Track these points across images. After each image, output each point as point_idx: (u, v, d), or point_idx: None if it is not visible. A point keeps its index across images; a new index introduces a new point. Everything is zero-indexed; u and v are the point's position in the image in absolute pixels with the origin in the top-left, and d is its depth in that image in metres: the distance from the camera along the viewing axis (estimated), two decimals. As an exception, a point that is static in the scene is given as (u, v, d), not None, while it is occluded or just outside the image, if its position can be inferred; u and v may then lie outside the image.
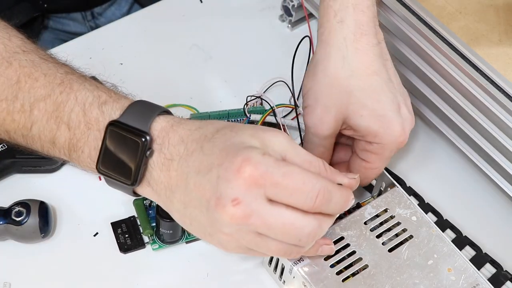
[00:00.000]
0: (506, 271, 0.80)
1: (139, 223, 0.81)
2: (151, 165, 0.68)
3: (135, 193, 0.70)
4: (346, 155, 0.83)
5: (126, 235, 0.80)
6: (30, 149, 0.74)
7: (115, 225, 0.81)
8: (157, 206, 0.78)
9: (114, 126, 0.68)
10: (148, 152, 0.67)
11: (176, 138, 0.67)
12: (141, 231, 0.80)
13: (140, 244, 0.80)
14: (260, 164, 0.63)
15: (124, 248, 0.79)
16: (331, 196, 0.65)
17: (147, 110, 0.69)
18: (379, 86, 0.77)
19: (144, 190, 0.69)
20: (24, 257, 0.78)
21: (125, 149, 0.67)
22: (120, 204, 0.83)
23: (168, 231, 0.79)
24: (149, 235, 0.80)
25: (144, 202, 0.82)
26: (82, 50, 0.96)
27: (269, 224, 0.64)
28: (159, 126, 0.68)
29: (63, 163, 0.85)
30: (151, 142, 0.67)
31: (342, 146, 0.83)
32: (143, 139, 0.67)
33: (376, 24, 0.80)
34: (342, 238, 0.75)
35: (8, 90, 0.70)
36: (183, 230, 0.80)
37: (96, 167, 0.69)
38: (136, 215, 0.82)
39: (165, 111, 0.70)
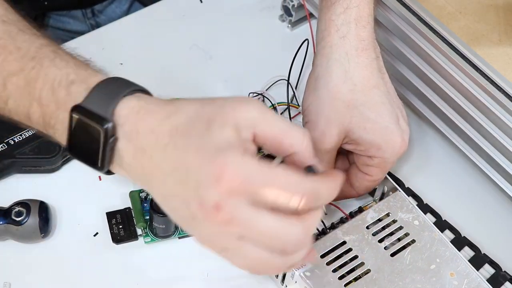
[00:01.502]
0: (505, 271, 0.81)
1: (133, 215, 0.81)
2: (121, 152, 0.65)
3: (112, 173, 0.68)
4: (343, 164, 0.83)
5: (120, 226, 0.80)
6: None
7: (110, 215, 0.81)
8: (151, 200, 0.78)
9: (76, 112, 0.64)
10: (112, 139, 0.64)
11: (145, 127, 0.64)
12: (135, 223, 0.80)
13: (133, 236, 0.80)
14: (240, 169, 0.60)
15: (117, 239, 0.80)
16: (318, 195, 0.62)
17: (112, 92, 0.65)
18: (379, 99, 0.78)
19: (119, 171, 0.67)
20: (24, 257, 0.78)
21: (87, 136, 0.65)
22: (120, 200, 0.83)
23: (161, 226, 0.79)
24: (142, 227, 0.80)
25: (140, 194, 0.82)
26: (82, 50, 0.94)
27: (252, 229, 0.61)
28: (124, 112, 0.64)
29: (63, 163, 0.84)
30: (114, 128, 0.64)
31: (339, 156, 0.82)
32: (104, 127, 0.63)
33: (374, 38, 0.80)
34: (344, 243, 0.75)
35: None
36: (176, 226, 0.80)
37: (66, 149, 0.67)
38: (131, 207, 0.82)
39: (136, 90, 0.66)
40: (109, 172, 0.67)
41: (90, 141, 0.65)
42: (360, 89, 0.78)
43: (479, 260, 0.81)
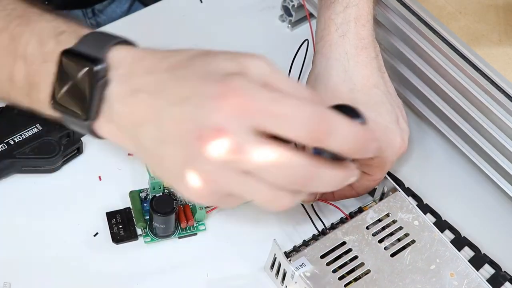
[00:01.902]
0: (505, 271, 0.81)
1: (133, 215, 0.81)
2: (112, 98, 0.60)
3: (96, 135, 0.63)
4: None
5: (120, 226, 0.80)
6: None
7: (110, 215, 0.81)
8: (151, 199, 0.78)
9: (66, 55, 0.61)
10: (102, 81, 0.60)
11: (143, 68, 0.60)
12: (135, 223, 0.80)
13: (133, 236, 0.80)
14: (245, 89, 0.56)
15: (117, 238, 0.79)
16: (330, 125, 0.56)
17: (105, 37, 0.62)
18: (379, 99, 0.78)
19: (105, 127, 0.62)
20: (24, 257, 0.78)
21: (77, 79, 0.61)
22: (120, 200, 0.83)
23: (161, 225, 0.79)
24: (142, 227, 0.80)
25: (140, 194, 0.82)
26: (82, 49, 0.95)
27: (258, 159, 0.55)
28: (119, 55, 0.61)
29: (63, 163, 0.84)
30: (107, 70, 0.60)
31: None
32: (97, 67, 0.60)
33: (374, 37, 0.80)
34: (344, 243, 0.75)
35: None
36: (176, 225, 0.80)
37: (50, 102, 0.63)
38: (131, 207, 0.82)
39: (129, 41, 0.64)
40: (94, 134, 0.63)
41: (78, 85, 0.61)
42: (360, 88, 0.77)
43: (479, 260, 0.81)
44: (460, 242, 0.82)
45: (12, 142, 0.83)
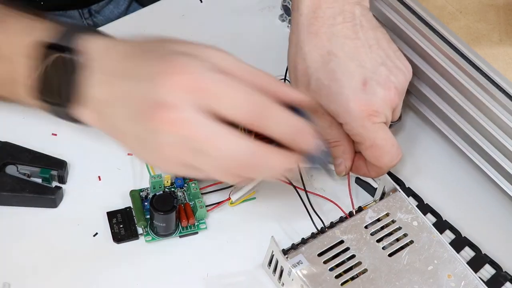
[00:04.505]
0: (505, 272, 0.80)
1: (134, 214, 0.81)
2: (87, 83, 0.65)
3: (79, 122, 0.68)
4: None
5: (121, 225, 0.80)
6: None
7: (111, 215, 0.81)
8: (152, 198, 0.78)
9: (39, 47, 0.65)
10: (71, 67, 0.65)
11: (113, 54, 0.65)
12: (136, 222, 0.80)
13: (134, 235, 0.80)
14: (193, 68, 0.61)
15: (118, 238, 0.79)
16: (269, 111, 0.63)
17: (74, 27, 0.67)
18: (335, 66, 0.78)
19: (84, 114, 0.66)
20: (24, 257, 0.78)
21: (52, 67, 0.65)
22: (120, 199, 0.83)
23: (162, 224, 0.79)
24: (143, 226, 0.80)
25: (140, 193, 0.82)
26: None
27: (204, 137, 0.61)
28: (89, 44, 0.66)
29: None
30: (76, 57, 0.65)
31: None
32: (65, 53, 0.65)
33: (348, 3, 0.81)
34: (342, 242, 0.75)
35: None
36: (177, 224, 0.80)
37: (30, 94, 0.67)
38: (131, 206, 0.82)
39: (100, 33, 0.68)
40: (76, 121, 0.68)
41: (53, 73, 0.65)
42: (312, 59, 0.79)
43: (479, 260, 0.81)
44: (460, 242, 0.82)
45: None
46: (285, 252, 0.75)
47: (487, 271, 0.80)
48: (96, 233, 0.80)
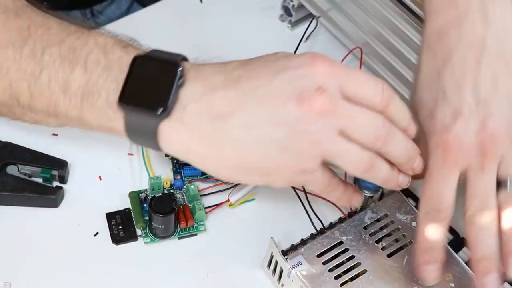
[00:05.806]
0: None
1: (133, 216, 0.81)
2: (187, 98, 0.65)
3: (156, 141, 0.67)
4: None
5: (120, 227, 0.80)
6: (29, 118, 0.73)
7: (110, 216, 0.81)
8: (151, 200, 0.78)
9: (142, 57, 0.67)
10: (181, 81, 0.65)
11: (211, 71, 0.67)
12: (135, 223, 0.81)
13: (133, 237, 0.80)
14: (328, 60, 0.65)
15: (116, 239, 0.80)
16: (392, 138, 0.67)
17: (171, 53, 0.68)
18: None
19: (173, 128, 0.66)
20: (24, 257, 0.78)
21: (154, 78, 0.66)
22: (119, 200, 0.83)
23: (160, 226, 0.79)
24: (141, 228, 0.80)
25: (140, 195, 0.82)
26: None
27: (353, 116, 0.65)
28: (186, 64, 0.67)
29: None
30: (183, 72, 0.66)
31: None
32: (176, 65, 0.66)
33: None
34: (341, 243, 0.76)
35: (17, 36, 0.68)
36: (176, 226, 0.80)
37: (119, 101, 0.66)
38: (130, 207, 0.82)
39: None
40: (154, 138, 0.66)
41: (155, 84, 0.65)
42: None
43: (479, 260, 0.81)
44: (459, 243, 0.81)
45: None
46: (285, 253, 0.75)
47: (486, 271, 0.80)
48: (96, 233, 0.80)
